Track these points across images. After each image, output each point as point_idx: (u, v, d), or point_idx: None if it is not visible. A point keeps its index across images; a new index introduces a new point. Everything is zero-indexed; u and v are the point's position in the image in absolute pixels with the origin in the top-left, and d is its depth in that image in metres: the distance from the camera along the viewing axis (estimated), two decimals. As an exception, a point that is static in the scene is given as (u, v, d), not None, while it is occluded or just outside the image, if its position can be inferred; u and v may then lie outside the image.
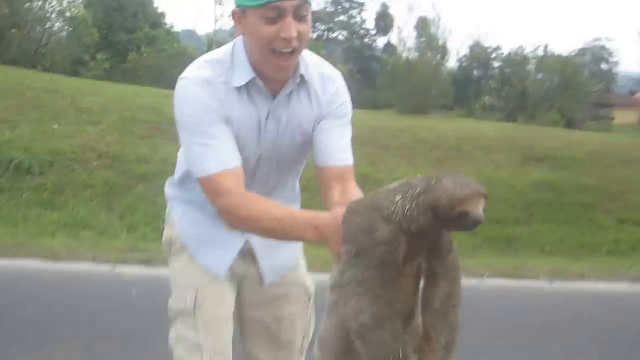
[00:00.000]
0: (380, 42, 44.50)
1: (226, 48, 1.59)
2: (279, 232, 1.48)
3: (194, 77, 1.53)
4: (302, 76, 1.58)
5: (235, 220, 1.52)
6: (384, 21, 43.80)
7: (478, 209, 1.12)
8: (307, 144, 1.66)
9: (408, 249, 1.18)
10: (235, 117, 1.54)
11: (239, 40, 1.56)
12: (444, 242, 1.23)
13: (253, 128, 1.59)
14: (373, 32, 44.75)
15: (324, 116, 1.64)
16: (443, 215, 1.12)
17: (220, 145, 1.51)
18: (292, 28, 1.43)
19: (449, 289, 1.23)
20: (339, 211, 1.31)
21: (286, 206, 1.63)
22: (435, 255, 1.24)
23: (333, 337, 1.28)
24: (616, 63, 49.53)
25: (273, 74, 1.52)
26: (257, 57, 1.50)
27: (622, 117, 38.84)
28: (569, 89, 27.11)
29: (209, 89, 1.51)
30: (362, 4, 46.21)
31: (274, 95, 1.57)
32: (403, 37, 39.61)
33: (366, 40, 44.16)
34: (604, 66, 47.68)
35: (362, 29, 44.81)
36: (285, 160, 1.68)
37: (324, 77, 1.65)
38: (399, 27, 42.73)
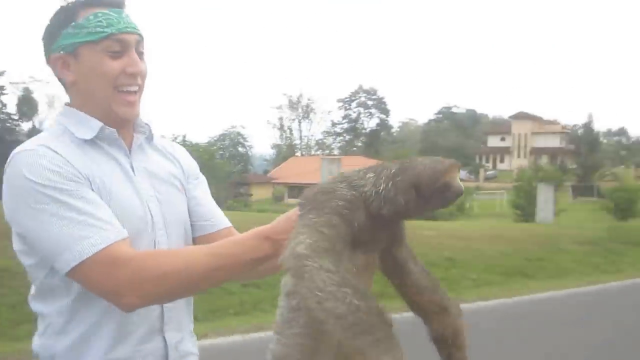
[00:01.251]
0: (25, 126, 43.10)
1: (53, 127, 1.37)
2: (222, 269, 1.23)
3: (32, 147, 1.24)
4: (148, 126, 1.44)
5: (151, 285, 1.18)
6: (27, 106, 43.21)
7: (458, 179, 1.09)
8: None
9: (371, 236, 1.10)
10: (99, 180, 1.28)
11: (62, 113, 1.37)
12: (401, 228, 1.19)
13: (127, 186, 1.34)
14: (16, 116, 42.43)
15: (190, 181, 1.52)
16: (427, 190, 1.06)
17: (100, 215, 1.21)
18: (139, 62, 1.33)
19: (419, 266, 1.19)
20: (289, 211, 1.22)
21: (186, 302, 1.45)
22: (396, 242, 1.18)
23: (294, 348, 1.11)
24: (251, 146, 55.14)
25: (121, 111, 1.33)
26: (99, 100, 1.32)
27: (259, 193, 43.74)
28: (209, 172, 33.91)
29: (57, 156, 1.24)
30: (1, 87, 44.24)
31: (129, 147, 1.39)
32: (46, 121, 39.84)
33: (8, 124, 41.11)
34: (241, 149, 52.76)
35: (3, 113, 41.39)
36: (180, 229, 1.45)
37: (169, 142, 1.55)
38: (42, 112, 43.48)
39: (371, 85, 78.78)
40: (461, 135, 73.83)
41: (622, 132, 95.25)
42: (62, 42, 1.31)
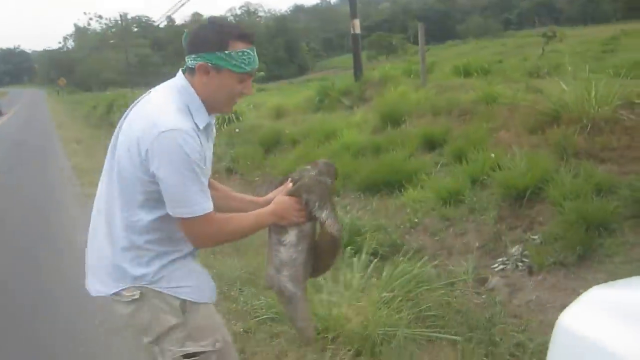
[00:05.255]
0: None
1: (177, 97, 1.84)
2: (251, 232, 1.98)
3: (185, 129, 1.74)
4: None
5: (221, 239, 2.04)
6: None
7: None
8: None
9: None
10: (205, 155, 1.84)
11: (185, 88, 1.85)
12: None
13: (210, 158, 1.95)
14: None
15: None
16: (336, 176, 2.15)
17: (207, 189, 1.83)
18: (251, 87, 1.91)
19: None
20: (281, 198, 2.01)
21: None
22: None
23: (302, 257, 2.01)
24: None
25: (225, 111, 1.96)
26: (219, 102, 1.88)
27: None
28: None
29: (197, 140, 1.77)
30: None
31: None
32: None
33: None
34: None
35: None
36: None
37: None
38: None
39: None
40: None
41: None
42: (212, 59, 1.80)
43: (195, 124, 1.81)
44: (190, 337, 1.90)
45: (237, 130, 10.15)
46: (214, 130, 2.03)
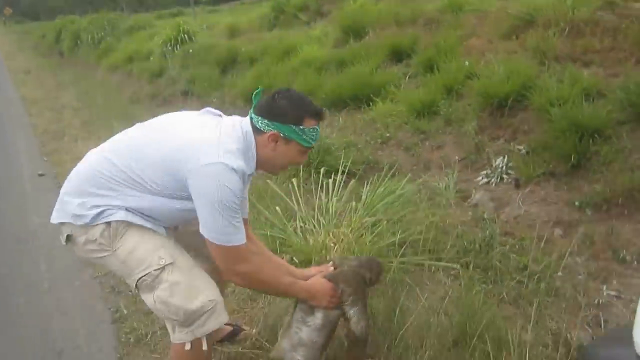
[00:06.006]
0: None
1: (241, 138, 1.91)
2: (281, 293, 2.13)
3: (237, 167, 1.81)
4: None
5: (254, 281, 1.98)
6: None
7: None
8: None
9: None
10: (241, 201, 1.88)
11: (250, 136, 1.93)
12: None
13: (245, 202, 2.13)
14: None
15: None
16: (380, 271, 2.18)
17: (240, 222, 1.87)
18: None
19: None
20: (319, 280, 2.08)
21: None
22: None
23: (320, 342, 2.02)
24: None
25: (274, 173, 2.17)
26: (274, 165, 2.01)
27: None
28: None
29: (240, 180, 1.83)
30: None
31: None
32: None
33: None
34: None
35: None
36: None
37: None
38: None
39: None
40: None
41: None
42: (286, 131, 1.90)
43: (246, 171, 1.87)
44: (128, 264, 1.90)
45: (190, 51, 9.64)
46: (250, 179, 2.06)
